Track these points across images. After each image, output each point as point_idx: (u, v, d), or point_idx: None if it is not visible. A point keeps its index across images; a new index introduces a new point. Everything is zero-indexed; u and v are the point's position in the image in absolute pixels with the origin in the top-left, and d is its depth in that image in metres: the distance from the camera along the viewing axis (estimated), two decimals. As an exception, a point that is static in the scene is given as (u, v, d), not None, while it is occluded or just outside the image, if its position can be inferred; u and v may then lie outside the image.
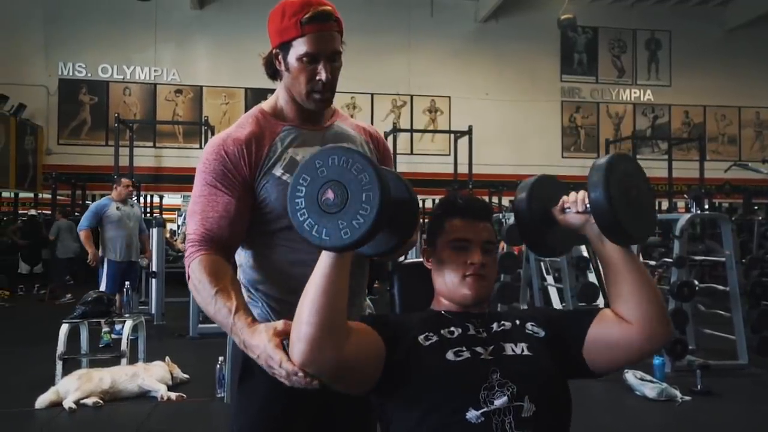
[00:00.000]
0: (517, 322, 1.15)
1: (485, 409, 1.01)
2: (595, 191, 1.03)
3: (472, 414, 1.00)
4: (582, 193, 1.09)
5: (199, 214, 1.21)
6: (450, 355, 1.06)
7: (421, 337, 1.09)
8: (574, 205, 1.10)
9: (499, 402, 1.01)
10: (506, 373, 1.04)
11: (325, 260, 0.98)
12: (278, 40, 1.24)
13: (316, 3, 1.21)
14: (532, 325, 1.14)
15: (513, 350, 1.09)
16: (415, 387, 1.05)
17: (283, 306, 1.25)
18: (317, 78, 1.22)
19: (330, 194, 0.95)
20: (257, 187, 1.23)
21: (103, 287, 4.77)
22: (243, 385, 1.25)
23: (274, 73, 1.30)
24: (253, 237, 1.27)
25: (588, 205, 1.06)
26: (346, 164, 0.96)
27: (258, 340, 1.09)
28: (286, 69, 1.25)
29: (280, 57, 1.25)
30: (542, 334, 1.13)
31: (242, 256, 1.31)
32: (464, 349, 1.07)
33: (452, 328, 1.11)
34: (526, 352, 1.09)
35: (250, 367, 1.17)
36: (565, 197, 1.13)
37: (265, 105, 1.33)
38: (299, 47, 1.20)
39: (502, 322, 1.14)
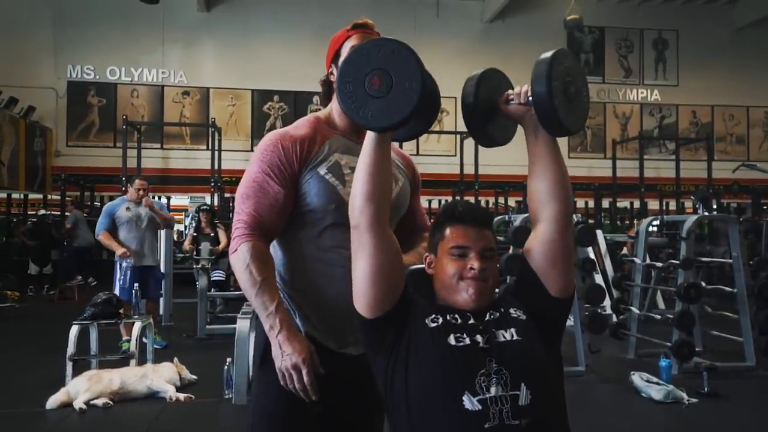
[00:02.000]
0: (503, 309, 1.19)
1: (481, 396, 1.04)
2: (537, 84, 1.12)
3: (468, 400, 1.04)
4: (526, 87, 1.17)
5: (253, 198, 1.32)
6: (452, 340, 1.10)
7: (428, 319, 1.14)
8: (518, 97, 1.19)
9: (493, 390, 1.04)
10: (500, 359, 1.08)
11: (369, 140, 1.13)
12: (331, 55, 1.43)
13: (361, 19, 1.46)
14: (514, 309, 1.19)
15: (504, 336, 1.13)
16: (417, 369, 1.09)
17: (302, 297, 1.37)
18: None
19: (376, 81, 1.08)
20: (301, 181, 1.34)
21: (117, 289, 4.56)
22: (265, 365, 1.33)
23: (329, 92, 1.46)
24: (286, 229, 1.38)
25: (530, 98, 1.14)
26: (392, 54, 1.08)
27: (298, 345, 1.26)
28: None
29: (333, 70, 1.41)
30: (524, 315, 1.18)
31: (273, 247, 1.40)
32: (464, 335, 1.11)
33: (456, 315, 1.15)
34: (516, 337, 1.13)
35: (269, 353, 1.29)
36: (510, 90, 1.22)
37: (321, 114, 1.46)
38: (347, 48, 1.38)
39: (492, 311, 1.17)
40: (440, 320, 1.14)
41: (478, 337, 1.11)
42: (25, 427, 3.18)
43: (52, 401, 3.31)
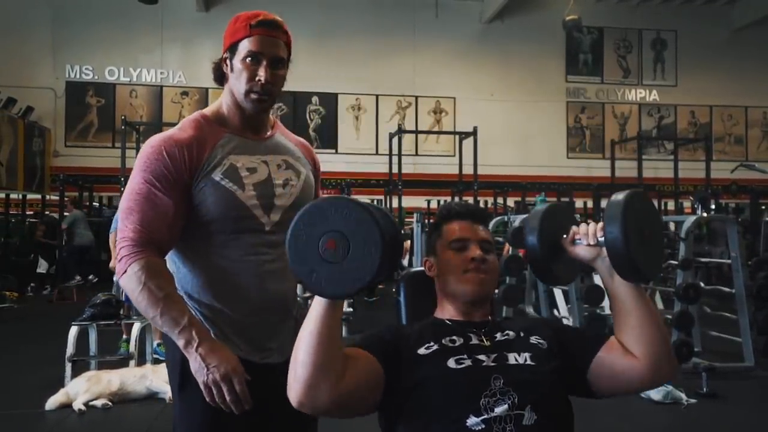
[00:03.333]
0: (521, 333, 1.15)
1: (485, 416, 1.01)
2: (612, 227, 1.04)
3: (472, 421, 1.01)
4: (593, 226, 1.10)
5: (138, 213, 1.20)
6: (451, 363, 1.07)
7: (421, 349, 1.10)
8: (586, 238, 1.10)
9: (499, 410, 1.02)
10: (509, 380, 1.05)
11: (318, 305, 0.98)
12: (228, 43, 1.28)
13: (269, 14, 1.28)
14: (536, 338, 1.15)
15: (516, 359, 1.09)
16: (417, 398, 1.06)
17: (216, 314, 1.26)
18: (257, 78, 1.25)
19: (331, 244, 0.96)
20: (194, 191, 1.23)
21: (122, 294, 4.36)
22: (184, 392, 1.25)
23: (221, 77, 1.32)
24: (186, 244, 1.27)
25: (600, 239, 1.08)
26: (348, 216, 0.97)
27: (223, 353, 1.17)
28: (231, 70, 1.29)
29: (227, 60, 1.29)
30: (546, 345, 1.13)
31: (175, 264, 1.30)
32: (465, 357, 1.08)
33: (454, 337, 1.12)
34: (529, 362, 1.09)
35: (187, 372, 1.20)
36: (575, 228, 1.13)
37: (207, 111, 1.34)
38: (245, 47, 1.25)
39: (506, 332, 1.15)
40: (435, 346, 1.10)
41: (482, 356, 1.09)
42: (25, 428, 3.18)
43: (52, 402, 3.31)
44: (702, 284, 4.48)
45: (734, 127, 13.02)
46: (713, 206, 9.19)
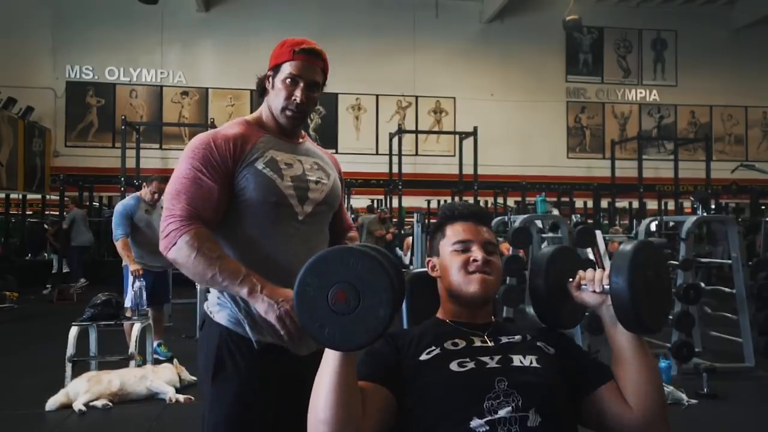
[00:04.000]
0: (528, 336, 1.15)
1: (489, 418, 1.01)
2: (618, 277, 1.03)
3: (476, 423, 1.01)
4: (600, 273, 1.10)
5: (185, 194, 1.31)
6: (454, 366, 1.07)
7: (423, 355, 1.10)
8: (592, 284, 1.10)
9: (503, 412, 1.01)
10: (513, 383, 1.05)
11: (333, 358, 0.97)
12: (272, 64, 1.44)
13: (312, 43, 1.43)
14: (543, 343, 1.14)
15: (521, 362, 1.09)
16: (421, 403, 1.06)
17: (250, 307, 1.34)
18: (293, 98, 1.40)
19: (341, 296, 0.94)
20: (238, 178, 1.36)
21: (128, 301, 4.21)
22: (218, 377, 1.34)
23: (262, 92, 1.48)
24: (226, 230, 1.38)
25: (606, 287, 1.07)
26: (356, 265, 0.96)
27: (285, 292, 1.26)
28: (272, 87, 1.44)
29: (270, 78, 1.44)
30: (553, 351, 1.13)
31: None
32: (468, 360, 1.08)
33: (456, 340, 1.12)
34: (534, 365, 1.09)
35: (222, 361, 1.33)
36: (581, 273, 1.13)
37: (249, 117, 1.50)
38: (286, 69, 1.40)
39: (511, 334, 1.15)
40: (436, 350, 1.10)
41: (486, 359, 1.08)
42: (25, 429, 3.17)
43: (52, 403, 3.30)
44: (702, 284, 4.48)
45: (734, 127, 13.02)
46: (713, 206, 9.20)
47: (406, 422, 1.07)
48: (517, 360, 1.09)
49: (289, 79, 1.39)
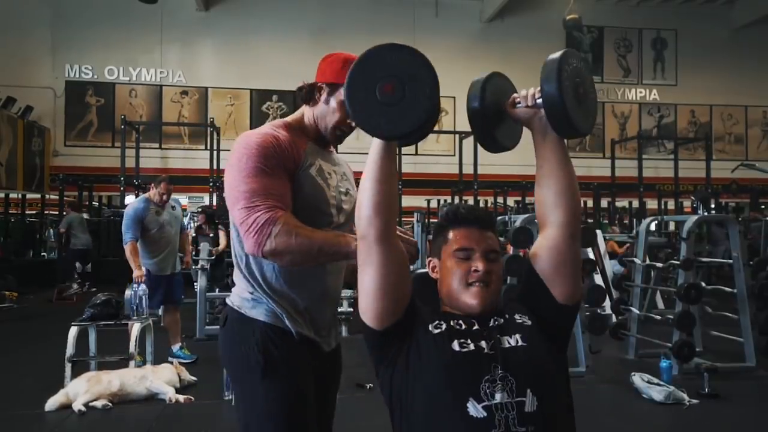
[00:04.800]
0: (507, 315, 1.17)
1: (486, 403, 1.03)
2: (548, 84, 1.10)
3: (473, 407, 1.03)
4: (533, 89, 1.16)
5: (264, 190, 1.30)
6: (455, 346, 1.09)
7: (431, 325, 1.13)
8: (525, 100, 1.17)
9: (499, 396, 1.03)
10: (506, 365, 1.07)
11: (376, 148, 1.08)
12: (331, 80, 1.42)
13: None
14: (519, 315, 1.17)
15: (509, 342, 1.11)
16: (421, 374, 1.09)
17: (284, 299, 1.39)
18: (348, 121, 1.40)
19: (388, 87, 1.02)
20: (295, 179, 1.38)
21: (139, 308, 4.12)
22: (269, 371, 1.35)
23: (309, 99, 1.45)
24: None
25: (538, 100, 1.13)
26: (406, 61, 1.04)
27: None
28: (326, 103, 1.43)
29: (324, 92, 1.43)
30: (529, 321, 1.16)
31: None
32: (469, 341, 1.10)
33: (459, 321, 1.14)
34: (521, 343, 1.11)
35: (271, 355, 1.35)
36: (516, 94, 1.20)
37: (290, 119, 1.48)
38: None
39: (496, 317, 1.16)
40: (443, 326, 1.13)
41: (483, 343, 1.10)
42: (25, 429, 3.16)
43: (51, 403, 3.29)
44: (703, 284, 4.47)
45: (734, 127, 13.02)
46: (713, 205, 9.20)
47: (403, 396, 1.10)
48: (505, 341, 1.11)
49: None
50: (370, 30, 11.64)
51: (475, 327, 1.13)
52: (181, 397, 3.47)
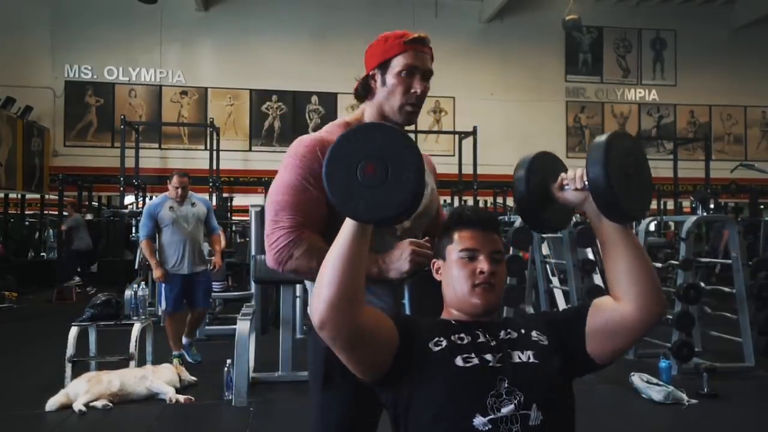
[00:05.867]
0: (523, 330, 1.16)
1: (492, 416, 1.02)
2: (593, 169, 1.05)
3: (479, 420, 1.02)
4: (580, 171, 1.11)
5: (293, 205, 1.30)
6: (459, 361, 1.08)
7: (430, 343, 1.11)
8: (573, 183, 1.12)
9: (506, 410, 1.02)
10: (513, 380, 1.06)
11: (349, 229, 1.00)
12: (380, 60, 1.37)
13: (415, 33, 1.39)
14: (537, 333, 1.15)
15: (520, 357, 1.10)
16: (424, 392, 1.07)
17: None
18: (413, 90, 1.36)
19: (371, 169, 0.97)
20: None
21: (162, 305, 4.17)
22: (328, 385, 1.36)
23: (365, 94, 1.42)
24: (328, 238, 1.42)
25: (586, 183, 1.08)
26: (390, 142, 0.99)
27: (397, 247, 1.31)
28: (383, 85, 1.38)
29: (377, 76, 1.38)
30: (546, 341, 1.14)
31: None
32: (473, 355, 1.09)
33: (462, 335, 1.13)
34: (532, 360, 1.10)
35: (332, 369, 1.30)
36: (563, 174, 1.15)
37: (349, 118, 1.46)
38: (401, 62, 1.35)
39: (509, 330, 1.16)
40: (444, 342, 1.11)
41: (488, 356, 1.09)
42: (25, 429, 3.17)
43: (52, 403, 3.30)
44: (702, 284, 4.48)
45: (733, 127, 13.03)
46: (712, 205, 9.20)
47: (407, 412, 1.08)
48: (516, 356, 1.10)
49: (405, 72, 1.34)
50: (369, 30, 11.57)
51: (480, 339, 1.12)
52: (182, 397, 3.47)
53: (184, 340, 4.37)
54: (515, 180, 1.16)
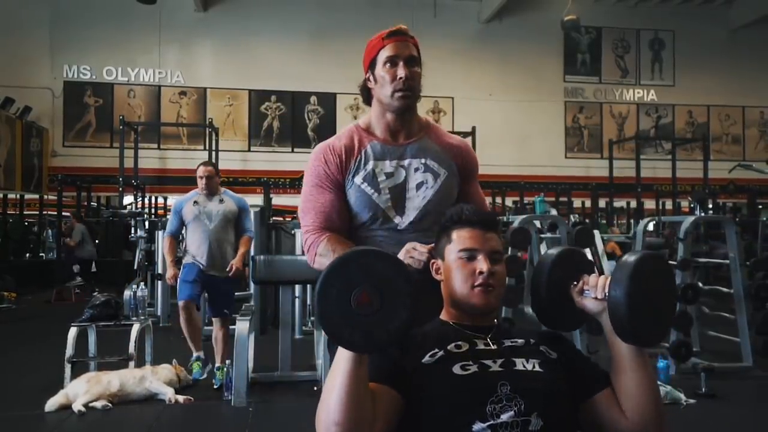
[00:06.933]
0: (531, 341, 1.15)
1: (491, 422, 1.01)
2: (616, 290, 1.03)
3: (478, 427, 1.01)
4: (603, 279, 1.09)
5: (312, 209, 1.48)
6: (457, 369, 1.07)
7: (426, 358, 1.10)
8: (594, 290, 1.10)
9: (505, 416, 1.01)
10: (516, 387, 1.05)
11: (346, 359, 0.96)
12: (368, 60, 1.50)
13: (394, 27, 1.51)
14: (546, 348, 1.15)
15: (524, 365, 1.09)
16: (424, 406, 1.06)
17: None
18: (399, 77, 1.44)
19: (364, 298, 0.94)
20: (346, 188, 1.49)
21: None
22: None
23: (368, 97, 1.53)
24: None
25: (607, 294, 1.06)
26: (382, 268, 0.97)
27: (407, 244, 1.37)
28: (375, 81, 1.49)
29: (370, 76, 1.50)
30: (555, 356, 1.13)
31: None
32: (471, 363, 1.08)
33: (460, 343, 1.12)
34: (537, 369, 1.09)
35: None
36: (585, 277, 1.12)
37: (360, 121, 1.56)
38: (383, 56, 1.46)
39: (515, 338, 1.15)
40: (440, 353, 1.10)
41: (489, 362, 1.08)
42: (24, 430, 3.17)
43: (51, 404, 3.30)
44: (700, 284, 4.49)
45: (732, 127, 13.05)
46: (710, 206, 9.21)
47: (408, 424, 1.07)
48: (520, 364, 1.09)
49: (388, 63, 1.45)
50: (368, 31, 11.54)
51: (479, 346, 1.11)
52: (181, 398, 3.47)
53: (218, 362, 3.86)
54: (537, 275, 1.15)
